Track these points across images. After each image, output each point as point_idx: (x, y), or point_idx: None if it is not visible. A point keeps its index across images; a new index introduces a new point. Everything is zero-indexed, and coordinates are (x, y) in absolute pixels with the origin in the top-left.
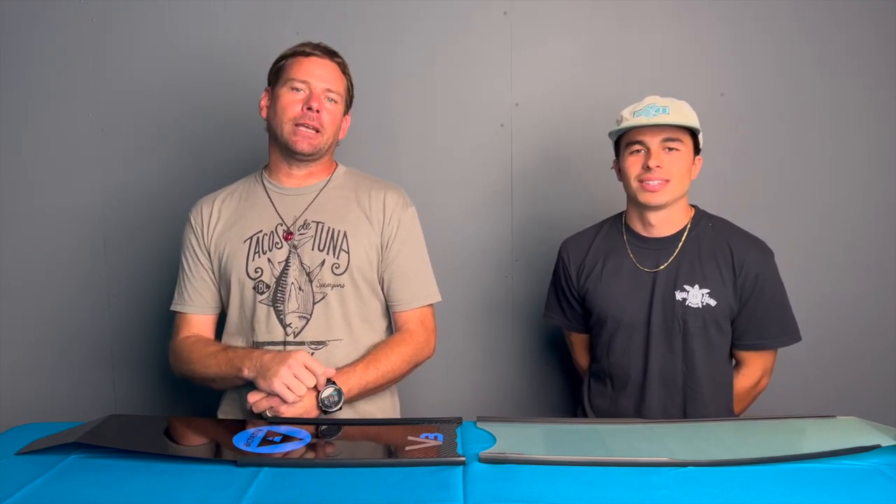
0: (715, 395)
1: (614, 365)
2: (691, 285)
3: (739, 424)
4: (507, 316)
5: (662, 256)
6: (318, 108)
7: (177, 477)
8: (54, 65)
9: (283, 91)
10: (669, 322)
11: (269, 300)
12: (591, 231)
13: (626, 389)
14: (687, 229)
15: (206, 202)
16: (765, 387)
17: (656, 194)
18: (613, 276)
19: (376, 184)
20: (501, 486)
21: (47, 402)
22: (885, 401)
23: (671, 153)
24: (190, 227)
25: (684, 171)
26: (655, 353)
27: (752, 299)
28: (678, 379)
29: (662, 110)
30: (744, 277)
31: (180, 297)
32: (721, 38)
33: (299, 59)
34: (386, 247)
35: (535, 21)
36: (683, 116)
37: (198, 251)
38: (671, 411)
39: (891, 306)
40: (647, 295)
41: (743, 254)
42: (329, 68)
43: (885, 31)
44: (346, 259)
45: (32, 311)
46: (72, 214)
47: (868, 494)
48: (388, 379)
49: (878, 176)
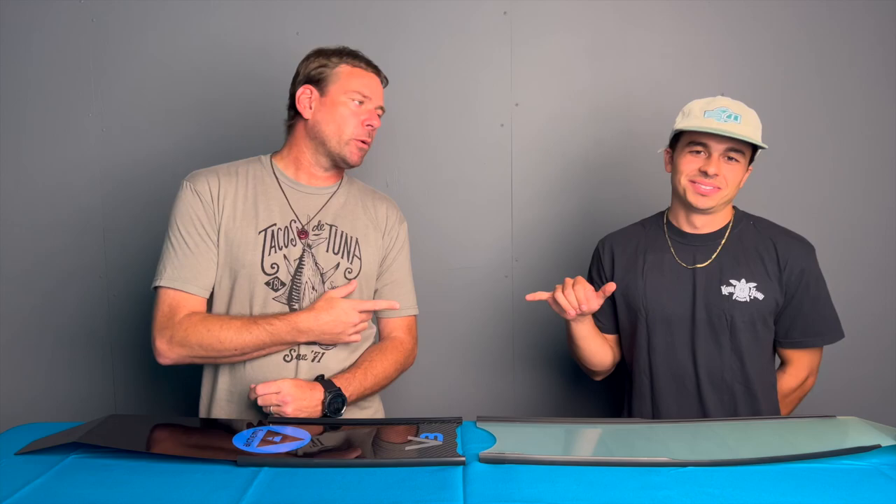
0: (765, 395)
1: (658, 364)
2: (738, 279)
3: (739, 424)
4: (507, 316)
5: (706, 252)
6: (376, 126)
7: (177, 477)
8: (54, 65)
9: (344, 101)
10: (716, 317)
11: (285, 298)
12: (631, 228)
13: (674, 388)
14: (730, 226)
15: (209, 175)
16: (811, 387)
17: (706, 198)
18: (655, 272)
19: (375, 194)
20: (501, 486)
21: (47, 402)
22: (885, 401)
23: (730, 162)
24: (196, 197)
25: (737, 181)
26: (702, 350)
27: (798, 295)
28: (727, 376)
29: (734, 118)
30: (789, 272)
31: (178, 273)
32: (721, 37)
33: (359, 72)
34: (384, 255)
35: (534, 20)
36: (753, 129)
37: (206, 226)
38: (722, 411)
39: (891, 306)
40: (689, 291)
41: (787, 249)
42: (379, 85)
43: (885, 32)
44: (358, 265)
45: (32, 311)
46: (72, 214)
47: (868, 494)
48: (381, 385)
49: (878, 176)
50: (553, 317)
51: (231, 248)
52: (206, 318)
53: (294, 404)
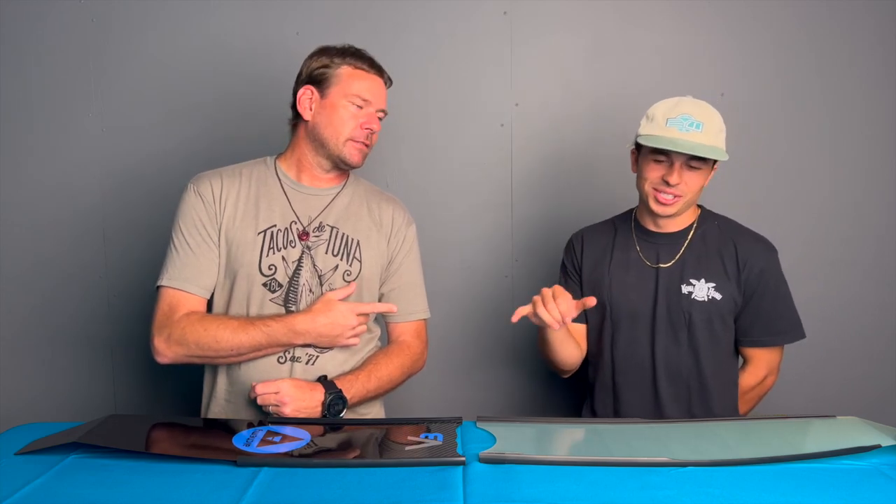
0: (720, 392)
1: (620, 357)
2: (697, 279)
3: (739, 424)
4: (507, 316)
5: (669, 251)
6: (376, 130)
7: (177, 477)
8: (54, 65)
9: (344, 104)
10: (675, 315)
11: (281, 300)
12: (604, 224)
13: (633, 381)
14: (693, 227)
15: (212, 177)
16: (771, 385)
17: (667, 207)
18: (621, 269)
19: (382, 195)
20: (501, 486)
21: (47, 402)
22: (885, 401)
23: (692, 171)
24: (198, 199)
25: (699, 186)
26: (661, 346)
27: (757, 295)
28: (683, 372)
29: (696, 126)
30: (748, 273)
31: (178, 272)
32: (721, 38)
33: (360, 74)
34: (390, 259)
35: (535, 20)
36: (714, 136)
37: (208, 227)
38: (677, 406)
39: (891, 306)
40: (652, 288)
41: (747, 250)
42: (381, 87)
43: (885, 32)
44: (358, 267)
45: (32, 311)
46: (72, 214)
47: (868, 494)
48: (385, 388)
49: (878, 175)
50: None
51: (231, 248)
52: (204, 317)
53: (293, 405)
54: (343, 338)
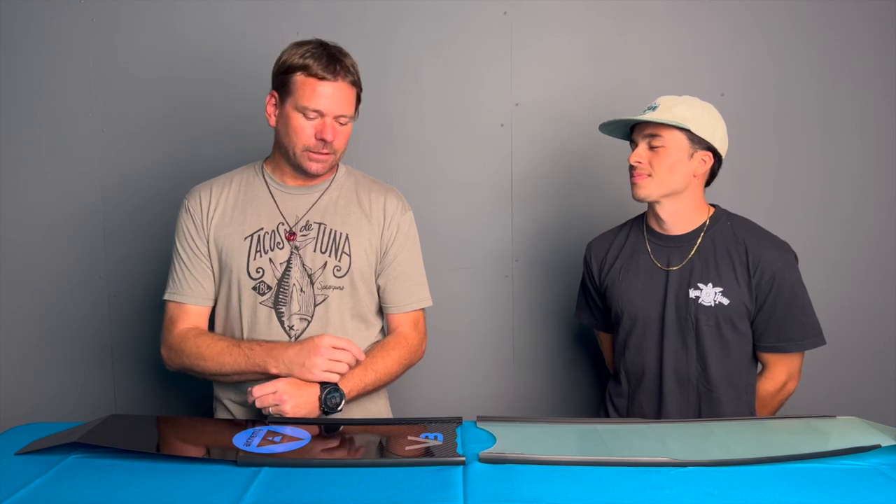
0: (732, 397)
1: (630, 362)
2: (704, 283)
3: (739, 424)
4: (507, 316)
5: (679, 254)
6: (331, 139)
7: (177, 477)
8: (54, 65)
9: (295, 115)
10: (683, 320)
11: (271, 302)
12: (614, 230)
13: (642, 387)
14: (704, 228)
15: (202, 189)
16: (792, 391)
17: (637, 187)
18: (631, 274)
19: (375, 185)
20: (501, 486)
21: (47, 402)
22: (885, 401)
23: (655, 150)
24: (188, 213)
25: (671, 168)
26: (669, 350)
27: (770, 300)
28: (692, 377)
29: (652, 108)
30: (759, 277)
31: (176, 287)
32: (721, 38)
33: (311, 84)
34: (385, 250)
35: (534, 21)
36: (665, 112)
37: (196, 240)
38: (686, 410)
39: (891, 306)
40: (661, 292)
41: (759, 253)
42: (340, 91)
43: (884, 32)
44: (347, 262)
45: (32, 310)
46: (72, 214)
47: (868, 494)
48: (383, 381)
49: (878, 175)
50: (553, 316)
51: (221, 255)
52: (199, 334)
53: (292, 402)
54: (312, 371)
